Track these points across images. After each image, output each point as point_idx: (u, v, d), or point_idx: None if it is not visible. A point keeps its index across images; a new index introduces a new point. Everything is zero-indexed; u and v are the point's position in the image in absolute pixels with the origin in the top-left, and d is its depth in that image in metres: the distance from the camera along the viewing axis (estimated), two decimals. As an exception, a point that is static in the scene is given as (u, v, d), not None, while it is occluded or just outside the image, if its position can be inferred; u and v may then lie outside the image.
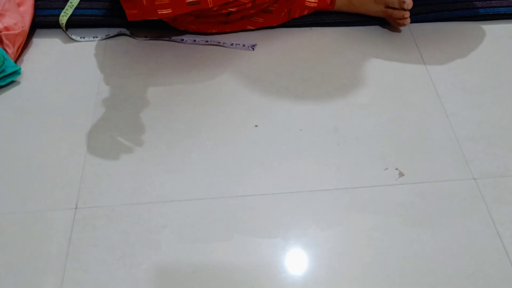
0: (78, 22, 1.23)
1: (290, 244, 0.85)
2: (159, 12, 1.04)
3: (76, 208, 0.90)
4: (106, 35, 1.23)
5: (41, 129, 1.03)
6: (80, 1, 1.28)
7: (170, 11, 1.04)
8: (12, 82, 1.11)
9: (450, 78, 1.12)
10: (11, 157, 0.98)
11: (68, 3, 1.26)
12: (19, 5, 1.21)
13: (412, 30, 1.23)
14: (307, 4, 1.23)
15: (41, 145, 1.00)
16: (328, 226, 0.87)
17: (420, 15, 1.25)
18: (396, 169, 0.95)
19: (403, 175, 0.94)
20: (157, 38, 1.21)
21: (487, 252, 0.84)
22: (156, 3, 1.03)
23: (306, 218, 0.88)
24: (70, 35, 1.23)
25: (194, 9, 1.08)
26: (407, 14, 1.16)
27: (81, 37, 1.23)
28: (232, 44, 1.19)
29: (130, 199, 0.91)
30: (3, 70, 1.09)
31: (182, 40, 1.21)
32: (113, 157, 0.97)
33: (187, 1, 1.07)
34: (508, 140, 1.00)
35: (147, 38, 1.21)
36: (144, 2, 1.02)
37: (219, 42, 1.19)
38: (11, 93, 1.10)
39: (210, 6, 1.09)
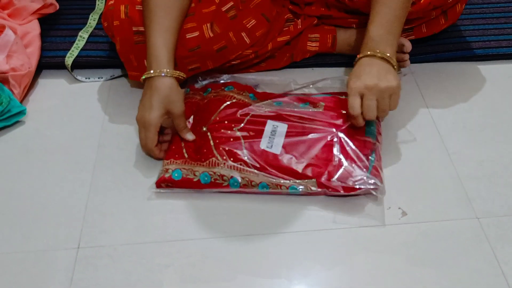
0: (83, 63, 1.25)
1: (293, 284, 0.84)
2: None
3: (78, 247, 0.89)
4: (111, 76, 1.25)
5: (45, 168, 1.03)
6: (85, 43, 1.30)
7: None
8: (17, 122, 1.13)
9: (451, 117, 1.13)
10: (15, 196, 0.98)
11: (74, 45, 1.29)
12: (26, 46, 1.23)
13: (413, 70, 1.24)
14: (309, 48, 1.25)
15: (44, 184, 1.00)
16: (332, 266, 0.86)
17: (421, 55, 1.26)
18: (399, 208, 0.95)
19: (406, 214, 0.94)
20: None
21: (492, 292, 0.83)
22: None
23: (309, 258, 0.88)
24: (75, 76, 1.25)
25: (195, 73, 1.09)
26: (406, 56, 1.17)
27: (86, 78, 1.25)
28: (234, 85, 1.20)
29: (132, 238, 0.91)
30: (9, 110, 1.10)
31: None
32: (116, 196, 0.98)
33: (188, 67, 1.07)
34: (511, 178, 1.00)
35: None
36: (146, 67, 1.00)
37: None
38: (16, 132, 1.11)
39: (210, 68, 1.10)
